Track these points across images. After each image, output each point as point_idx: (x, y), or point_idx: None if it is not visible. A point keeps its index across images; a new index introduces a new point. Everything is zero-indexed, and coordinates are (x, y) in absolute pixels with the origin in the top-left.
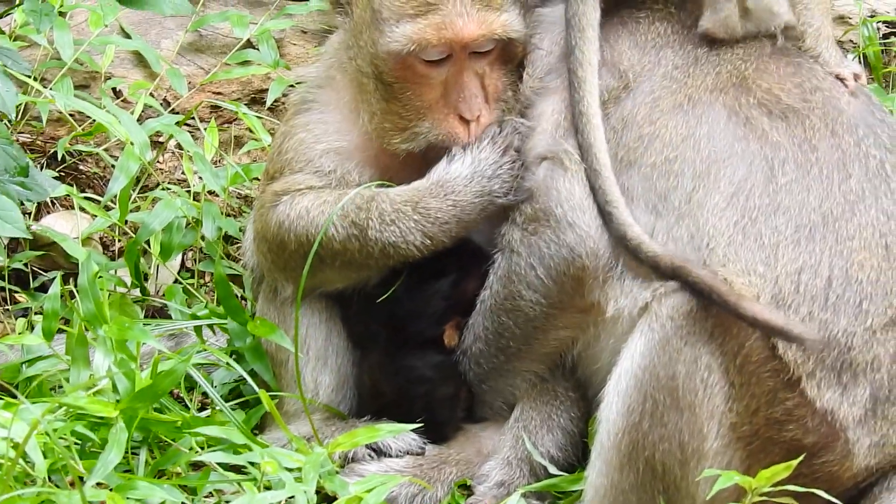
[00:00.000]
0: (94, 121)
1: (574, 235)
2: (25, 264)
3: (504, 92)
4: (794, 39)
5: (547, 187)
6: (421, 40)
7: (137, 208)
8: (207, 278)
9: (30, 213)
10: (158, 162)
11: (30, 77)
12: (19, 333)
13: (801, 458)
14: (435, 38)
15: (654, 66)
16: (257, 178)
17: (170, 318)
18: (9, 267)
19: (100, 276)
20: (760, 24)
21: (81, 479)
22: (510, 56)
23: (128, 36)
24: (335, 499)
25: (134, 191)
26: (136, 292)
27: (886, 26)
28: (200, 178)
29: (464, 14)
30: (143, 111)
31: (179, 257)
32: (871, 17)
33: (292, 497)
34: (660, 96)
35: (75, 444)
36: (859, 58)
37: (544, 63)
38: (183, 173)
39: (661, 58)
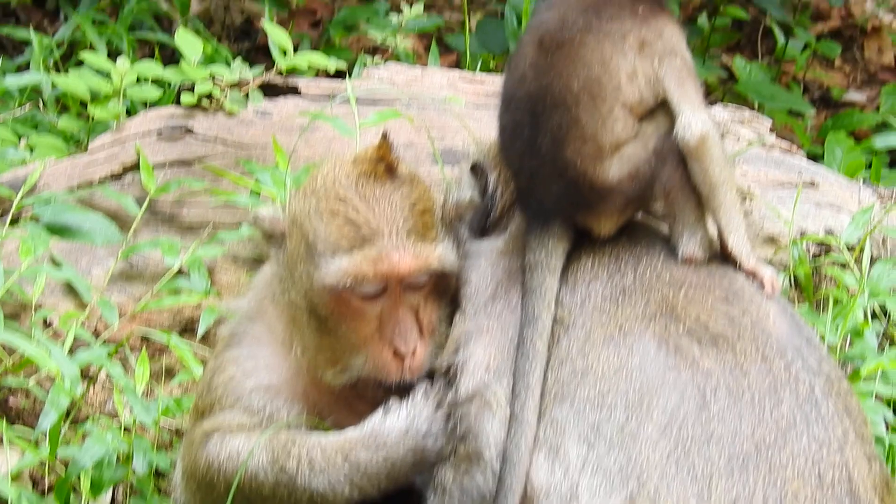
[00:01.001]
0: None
1: None
2: None
3: (438, 325)
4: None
5: (477, 429)
6: (357, 274)
7: (68, 442)
8: None
9: None
10: (89, 394)
11: None
12: None
13: None
14: (371, 271)
15: (585, 300)
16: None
17: None
18: None
19: None
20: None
21: None
22: (444, 289)
23: (58, 265)
24: None
25: (64, 424)
26: None
27: (816, 246)
28: (131, 410)
29: (400, 247)
30: (73, 341)
31: (110, 492)
32: (801, 237)
33: None
34: (591, 329)
35: None
36: (789, 279)
37: (476, 300)
38: (114, 405)
39: (591, 291)
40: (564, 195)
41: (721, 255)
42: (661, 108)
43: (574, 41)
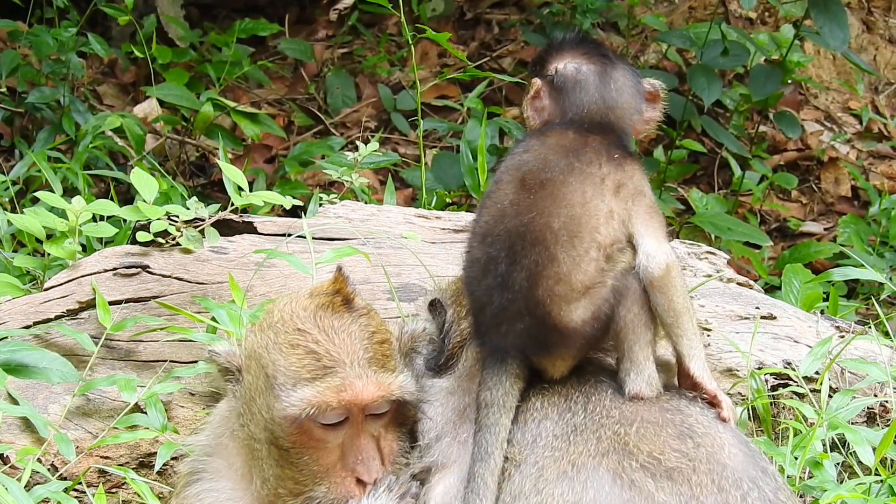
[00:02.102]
0: None
1: None
2: None
3: (399, 455)
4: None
5: None
6: (320, 403)
7: None
8: None
9: None
10: None
11: None
12: None
13: None
14: (335, 400)
15: (537, 438)
16: None
17: None
18: None
19: None
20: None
21: None
22: (404, 419)
23: (15, 402)
24: None
25: None
26: None
27: (774, 378)
28: None
29: (362, 376)
30: (30, 477)
31: None
32: (759, 369)
33: None
34: (544, 466)
35: None
36: (748, 411)
37: (433, 435)
38: None
39: (542, 430)
40: (528, 334)
41: (678, 383)
42: (623, 248)
43: (556, 181)
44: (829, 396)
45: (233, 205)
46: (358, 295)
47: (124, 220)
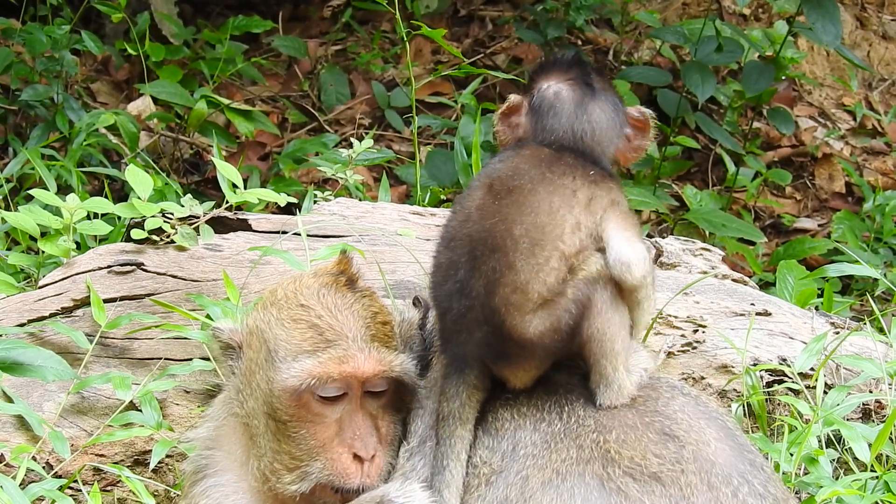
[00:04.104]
0: None
1: None
2: None
3: (395, 438)
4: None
5: None
6: (321, 374)
7: None
8: None
9: None
10: None
11: None
12: None
13: None
14: (336, 371)
15: (516, 447)
16: None
17: None
18: None
19: None
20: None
21: None
22: (401, 402)
23: (10, 400)
24: None
25: None
26: None
27: (770, 374)
28: None
29: (364, 349)
30: (25, 475)
31: None
32: (754, 365)
33: None
34: (528, 475)
35: None
36: (743, 407)
37: (424, 426)
38: None
39: (518, 440)
40: (486, 343)
41: None
42: (588, 259)
43: (524, 189)
44: (825, 393)
45: (227, 202)
46: (362, 277)
47: (119, 218)
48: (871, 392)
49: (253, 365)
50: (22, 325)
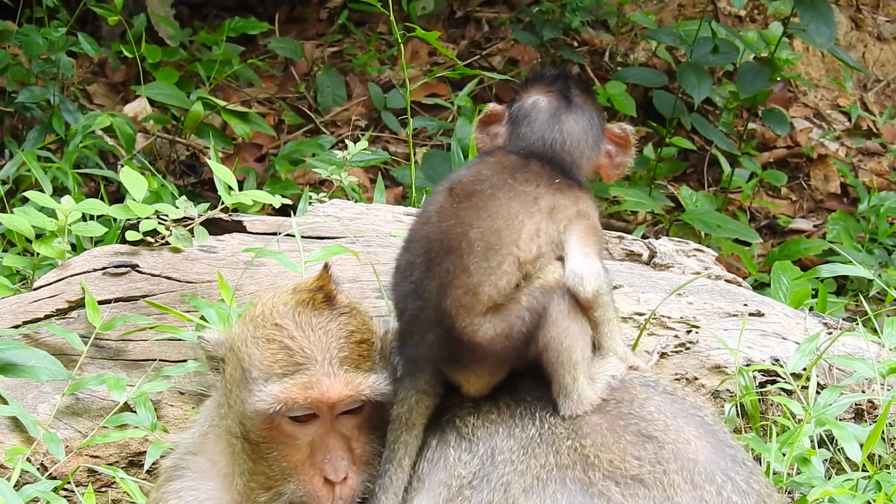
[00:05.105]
0: None
1: None
2: None
3: (373, 458)
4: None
5: None
6: (287, 400)
7: None
8: None
9: None
10: None
11: None
12: None
13: None
14: (301, 397)
15: (494, 454)
16: None
17: None
18: None
19: None
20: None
21: None
22: (380, 419)
23: (4, 401)
24: None
25: None
26: None
27: (762, 375)
28: None
29: (330, 374)
30: (20, 476)
31: None
32: (747, 366)
33: None
34: (509, 482)
35: None
36: (736, 407)
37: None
38: None
39: (494, 445)
40: (438, 345)
41: None
42: (545, 267)
43: (485, 194)
44: (817, 393)
45: (222, 204)
46: (342, 293)
47: (114, 220)
48: (863, 392)
49: (230, 382)
50: (17, 326)
